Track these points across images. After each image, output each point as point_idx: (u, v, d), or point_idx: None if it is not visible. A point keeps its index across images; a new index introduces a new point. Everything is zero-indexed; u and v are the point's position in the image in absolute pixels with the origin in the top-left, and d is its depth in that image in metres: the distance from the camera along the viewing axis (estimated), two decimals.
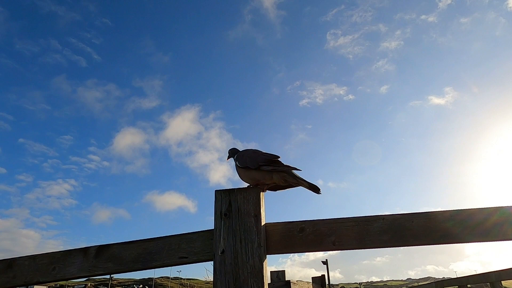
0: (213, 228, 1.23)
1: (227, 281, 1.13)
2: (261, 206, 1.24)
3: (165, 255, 1.26)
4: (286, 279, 3.35)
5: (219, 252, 1.17)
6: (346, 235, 1.18)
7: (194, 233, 1.28)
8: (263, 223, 1.22)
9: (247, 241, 1.17)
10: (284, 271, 3.55)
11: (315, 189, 1.33)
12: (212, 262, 1.20)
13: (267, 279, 1.18)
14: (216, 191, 1.28)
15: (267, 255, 1.20)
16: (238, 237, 1.18)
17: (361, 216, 1.21)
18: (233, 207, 1.23)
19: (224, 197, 1.26)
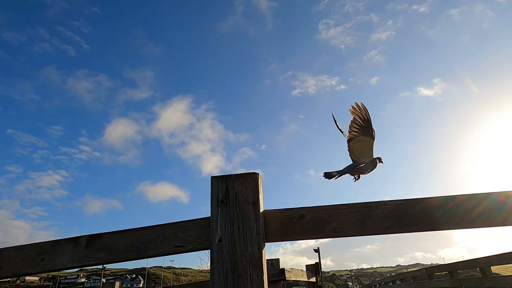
0: (209, 216, 1.18)
1: (225, 270, 1.08)
2: (260, 192, 1.19)
3: (159, 244, 1.21)
4: (280, 267, 3.35)
5: (216, 241, 1.12)
6: (347, 222, 1.14)
7: (190, 221, 1.23)
8: (261, 210, 1.17)
9: (245, 229, 1.12)
10: (278, 259, 3.55)
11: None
12: (206, 251, 1.15)
13: (265, 268, 1.14)
14: (212, 177, 1.22)
15: (265, 243, 1.16)
16: (236, 224, 1.13)
17: (363, 202, 1.17)
18: (230, 193, 1.18)
19: (220, 183, 1.20)
